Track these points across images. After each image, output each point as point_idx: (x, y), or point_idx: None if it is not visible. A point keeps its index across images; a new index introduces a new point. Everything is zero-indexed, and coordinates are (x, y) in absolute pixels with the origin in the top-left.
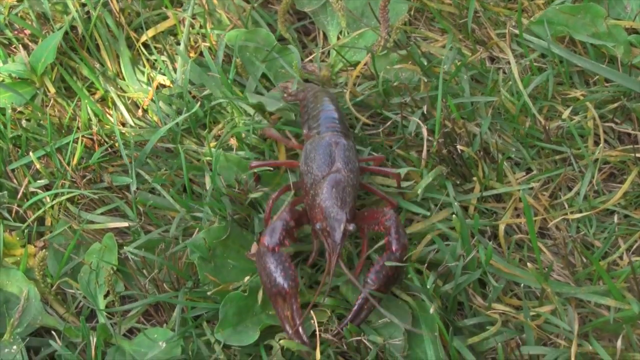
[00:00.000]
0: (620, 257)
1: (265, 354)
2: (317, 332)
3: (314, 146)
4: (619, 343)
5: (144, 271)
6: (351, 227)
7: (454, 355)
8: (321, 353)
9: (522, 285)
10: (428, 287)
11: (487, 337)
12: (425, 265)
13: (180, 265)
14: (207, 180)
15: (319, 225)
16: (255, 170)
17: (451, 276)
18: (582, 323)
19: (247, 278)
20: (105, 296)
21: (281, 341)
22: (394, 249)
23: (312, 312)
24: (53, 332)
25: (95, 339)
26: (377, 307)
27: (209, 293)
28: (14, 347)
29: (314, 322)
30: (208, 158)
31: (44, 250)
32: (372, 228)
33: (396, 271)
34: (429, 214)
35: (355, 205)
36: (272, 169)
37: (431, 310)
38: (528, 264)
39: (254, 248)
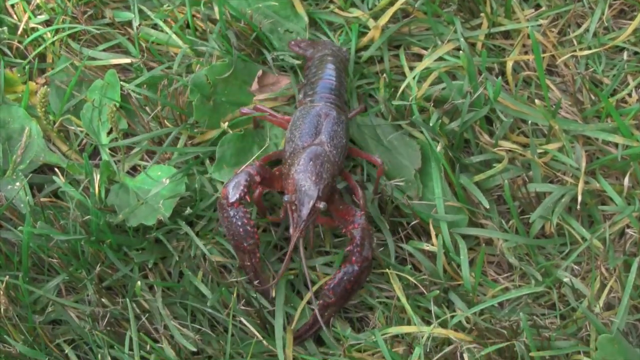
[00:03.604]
0: (629, 94)
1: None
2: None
3: (302, 114)
4: (626, 180)
5: (147, 108)
6: (322, 205)
7: (459, 193)
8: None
9: (529, 122)
10: (432, 124)
11: (494, 174)
12: (432, 103)
13: (183, 103)
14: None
15: (287, 198)
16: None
17: (458, 114)
18: (589, 160)
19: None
20: (108, 134)
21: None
22: (353, 260)
23: None
24: (56, 169)
25: (98, 176)
26: (324, 328)
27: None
28: (17, 183)
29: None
30: None
31: (45, 86)
32: (340, 228)
33: (355, 283)
34: None
35: (334, 184)
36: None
37: (438, 148)
38: (536, 101)
39: (254, 85)
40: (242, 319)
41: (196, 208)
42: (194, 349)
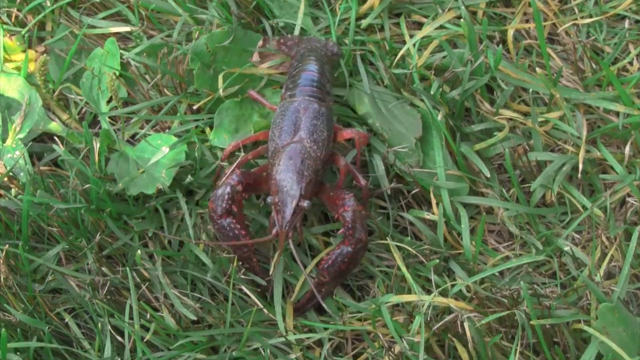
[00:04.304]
0: (631, 63)
1: None
2: None
3: (282, 111)
4: (627, 149)
5: (147, 77)
6: (305, 204)
7: (460, 162)
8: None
9: (530, 91)
10: (433, 92)
11: (495, 143)
12: (432, 71)
13: (183, 71)
14: None
15: (269, 199)
16: None
17: (458, 82)
18: (590, 129)
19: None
20: (108, 102)
21: None
22: (347, 243)
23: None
24: (56, 138)
25: (98, 144)
26: (322, 304)
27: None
28: (17, 152)
29: None
30: None
31: (45, 55)
32: (332, 212)
33: (349, 264)
34: None
35: (318, 179)
36: None
37: (438, 117)
38: (537, 69)
39: (255, 56)
40: (243, 287)
41: (196, 177)
42: (194, 318)
